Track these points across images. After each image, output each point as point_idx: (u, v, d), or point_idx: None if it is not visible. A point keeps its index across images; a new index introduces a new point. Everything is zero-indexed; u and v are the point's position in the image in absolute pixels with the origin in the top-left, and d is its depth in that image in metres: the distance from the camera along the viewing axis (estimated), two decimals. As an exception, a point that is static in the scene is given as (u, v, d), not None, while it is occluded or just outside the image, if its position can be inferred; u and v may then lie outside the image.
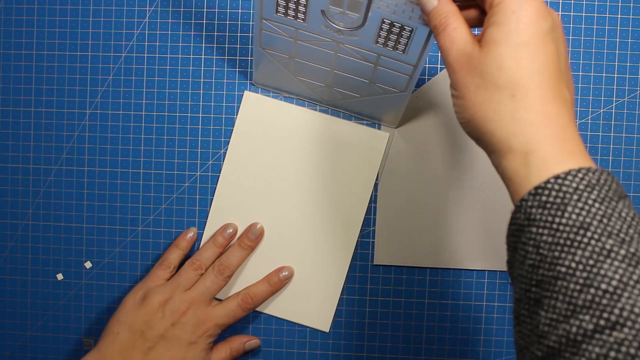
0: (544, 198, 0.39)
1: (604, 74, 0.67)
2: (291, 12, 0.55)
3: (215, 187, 0.70)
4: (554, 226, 0.38)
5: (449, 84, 0.46)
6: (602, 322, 0.35)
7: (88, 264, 0.72)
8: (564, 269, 0.37)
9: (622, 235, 0.37)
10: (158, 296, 0.64)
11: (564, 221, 0.38)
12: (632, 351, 0.34)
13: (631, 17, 0.67)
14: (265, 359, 0.70)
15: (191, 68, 0.70)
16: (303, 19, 0.55)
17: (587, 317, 0.36)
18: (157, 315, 0.63)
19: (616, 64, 0.67)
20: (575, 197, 0.38)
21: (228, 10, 0.70)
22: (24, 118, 0.71)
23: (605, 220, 0.37)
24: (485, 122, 0.42)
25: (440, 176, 0.68)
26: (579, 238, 0.37)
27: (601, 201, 0.38)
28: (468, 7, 0.48)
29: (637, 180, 0.67)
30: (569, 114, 0.41)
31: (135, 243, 0.71)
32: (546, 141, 0.40)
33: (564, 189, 0.38)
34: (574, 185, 0.38)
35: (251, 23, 0.70)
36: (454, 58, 0.44)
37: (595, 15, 0.67)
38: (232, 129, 0.70)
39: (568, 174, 0.38)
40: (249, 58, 0.70)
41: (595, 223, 0.37)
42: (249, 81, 0.70)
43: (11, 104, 0.71)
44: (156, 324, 0.63)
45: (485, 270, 0.68)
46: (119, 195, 0.71)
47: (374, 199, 0.69)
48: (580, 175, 0.38)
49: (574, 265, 0.37)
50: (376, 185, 0.69)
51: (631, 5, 0.67)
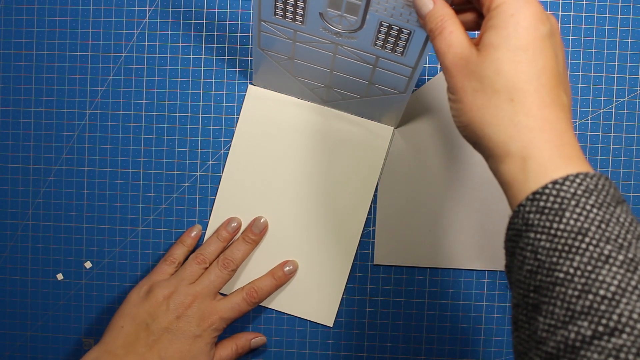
0: (541, 203, 0.39)
1: (604, 74, 0.67)
2: (289, 15, 0.55)
3: (217, 186, 0.70)
4: (552, 232, 0.38)
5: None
6: (600, 328, 0.35)
7: (88, 264, 0.72)
8: (562, 275, 0.37)
9: (620, 240, 0.37)
10: (162, 290, 0.64)
11: (562, 227, 0.38)
12: (630, 357, 0.34)
13: (631, 17, 0.67)
14: (266, 358, 0.71)
15: (191, 68, 0.70)
16: (301, 21, 0.55)
17: (585, 323, 0.36)
18: (161, 308, 0.63)
19: (616, 64, 0.67)
20: (573, 202, 0.38)
21: (228, 11, 0.69)
22: (24, 118, 0.71)
23: (603, 226, 0.37)
24: (483, 126, 0.42)
25: (440, 176, 0.68)
26: (577, 244, 0.37)
27: (599, 206, 0.38)
28: (465, 10, 0.48)
29: (637, 180, 0.67)
30: (566, 119, 0.41)
31: (135, 243, 0.71)
32: (544, 146, 0.40)
33: (561, 194, 0.38)
34: (572, 190, 0.38)
35: (251, 23, 0.69)
36: (450, 62, 0.44)
37: (595, 15, 0.67)
38: (234, 127, 0.70)
39: (566, 179, 0.38)
40: (249, 58, 0.70)
41: (593, 228, 0.37)
42: (249, 81, 0.70)
43: (11, 104, 0.71)
44: (160, 316, 0.63)
45: (485, 270, 0.68)
46: (119, 195, 0.71)
47: (374, 199, 0.69)
48: (578, 180, 0.38)
49: (572, 271, 0.37)
50: (377, 183, 0.69)
51: (631, 5, 0.67)
